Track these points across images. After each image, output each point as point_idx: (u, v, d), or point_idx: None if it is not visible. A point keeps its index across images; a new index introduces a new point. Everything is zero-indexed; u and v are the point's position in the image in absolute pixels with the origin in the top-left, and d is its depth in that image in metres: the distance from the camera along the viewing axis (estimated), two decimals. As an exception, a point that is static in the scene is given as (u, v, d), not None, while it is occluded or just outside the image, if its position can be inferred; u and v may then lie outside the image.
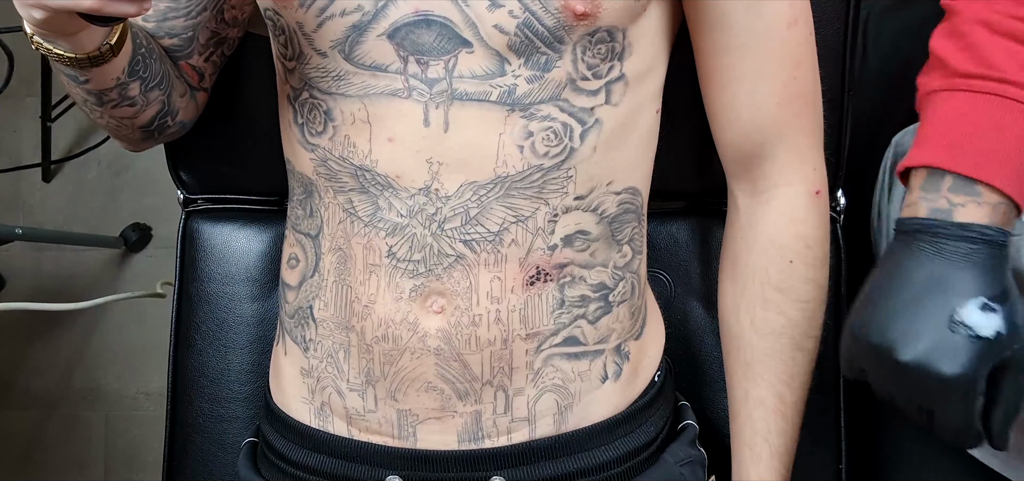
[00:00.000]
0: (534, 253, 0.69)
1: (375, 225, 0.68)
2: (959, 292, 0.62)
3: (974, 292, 0.62)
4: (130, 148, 0.85)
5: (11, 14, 0.68)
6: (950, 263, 0.63)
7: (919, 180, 0.65)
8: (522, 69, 0.65)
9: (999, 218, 0.64)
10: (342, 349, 0.72)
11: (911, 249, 0.64)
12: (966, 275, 0.63)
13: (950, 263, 0.63)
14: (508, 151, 0.66)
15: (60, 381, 1.73)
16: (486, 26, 0.63)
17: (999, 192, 0.63)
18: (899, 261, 0.65)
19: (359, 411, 0.73)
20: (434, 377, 0.70)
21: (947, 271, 0.63)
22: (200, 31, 0.80)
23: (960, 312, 0.62)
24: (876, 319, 0.64)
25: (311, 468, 0.76)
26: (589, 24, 0.64)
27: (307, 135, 0.70)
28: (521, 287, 0.69)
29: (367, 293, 0.69)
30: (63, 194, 1.77)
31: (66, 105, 1.66)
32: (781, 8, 0.69)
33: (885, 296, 0.64)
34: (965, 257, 0.63)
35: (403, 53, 0.65)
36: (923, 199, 0.65)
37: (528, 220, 0.68)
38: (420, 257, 0.68)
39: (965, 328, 0.61)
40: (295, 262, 0.76)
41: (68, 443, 1.72)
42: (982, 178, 0.63)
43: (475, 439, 0.72)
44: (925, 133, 0.66)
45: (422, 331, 0.69)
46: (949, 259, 0.63)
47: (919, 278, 0.63)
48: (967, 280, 0.62)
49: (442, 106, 0.65)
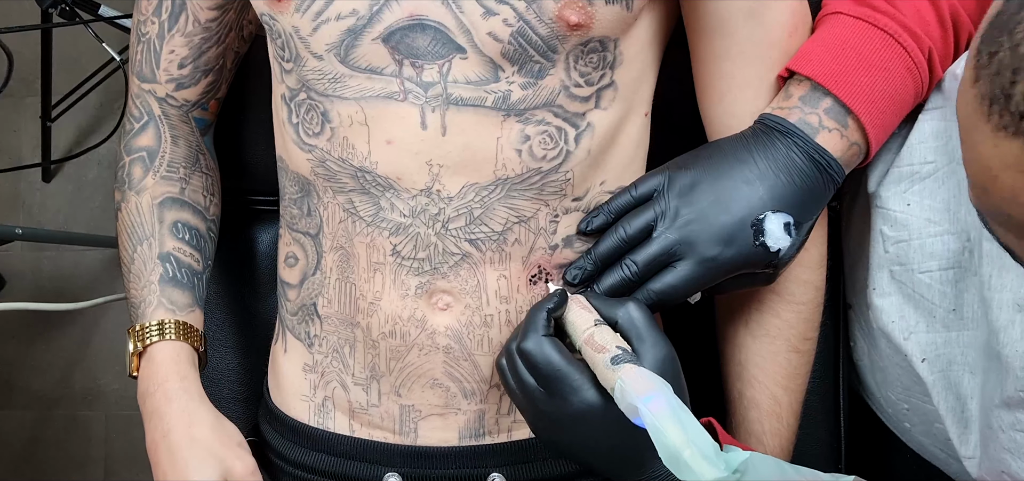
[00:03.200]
0: (536, 252, 0.69)
1: (378, 225, 0.69)
2: (778, 202, 0.66)
3: (788, 209, 0.66)
4: None
5: (11, 14, 0.68)
6: (789, 174, 0.66)
7: (800, 90, 0.68)
8: (516, 76, 0.65)
9: (849, 157, 0.68)
10: (347, 344, 0.73)
11: (764, 141, 0.67)
12: (793, 195, 0.66)
13: (789, 174, 0.66)
14: (507, 154, 0.66)
15: (60, 381, 1.73)
16: (480, 33, 0.64)
17: (862, 133, 0.67)
18: (749, 145, 0.68)
19: (362, 405, 0.73)
20: (441, 374, 0.70)
21: (782, 177, 0.66)
22: (228, 56, 0.81)
23: (769, 217, 0.66)
24: (701, 174, 0.68)
25: (310, 466, 0.76)
26: (582, 34, 0.64)
27: (303, 135, 0.71)
28: (525, 286, 0.70)
29: (372, 290, 0.70)
30: (63, 194, 1.77)
31: (66, 105, 1.66)
32: (782, 16, 0.69)
33: (724, 164, 0.68)
34: (804, 176, 0.66)
35: (398, 56, 0.65)
36: (797, 108, 0.67)
37: (530, 220, 0.68)
38: (425, 255, 0.68)
39: (762, 231, 0.66)
40: (294, 260, 0.76)
41: (68, 443, 1.72)
42: (858, 112, 0.66)
43: (476, 436, 0.72)
44: (819, 47, 0.68)
45: (431, 328, 0.69)
46: (790, 170, 0.66)
47: (760, 167, 0.66)
48: (790, 197, 0.66)
49: (438, 110, 0.66)
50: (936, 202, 0.72)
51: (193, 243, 0.79)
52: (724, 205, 0.66)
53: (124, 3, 1.43)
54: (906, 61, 0.67)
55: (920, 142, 0.72)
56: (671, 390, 0.57)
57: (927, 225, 0.72)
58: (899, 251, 0.74)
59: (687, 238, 0.66)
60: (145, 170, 0.79)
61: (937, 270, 0.72)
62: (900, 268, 0.74)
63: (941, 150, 0.71)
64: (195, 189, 0.81)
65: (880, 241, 0.75)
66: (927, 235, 0.73)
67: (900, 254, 0.74)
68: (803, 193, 0.67)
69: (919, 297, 0.74)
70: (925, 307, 0.74)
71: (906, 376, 0.77)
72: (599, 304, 0.66)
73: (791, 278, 0.73)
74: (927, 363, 0.74)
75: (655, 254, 0.67)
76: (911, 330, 0.75)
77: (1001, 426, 0.68)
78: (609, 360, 0.60)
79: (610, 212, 0.69)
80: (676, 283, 0.67)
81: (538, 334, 0.63)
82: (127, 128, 0.82)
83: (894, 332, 0.75)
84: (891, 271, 0.75)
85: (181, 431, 0.71)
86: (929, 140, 0.72)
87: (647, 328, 0.63)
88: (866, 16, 0.68)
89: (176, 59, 0.79)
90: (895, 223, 0.74)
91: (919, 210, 0.73)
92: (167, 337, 0.74)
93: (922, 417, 0.78)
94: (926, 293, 0.73)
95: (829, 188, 0.68)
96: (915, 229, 0.73)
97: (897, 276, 0.75)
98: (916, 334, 0.75)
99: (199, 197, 0.82)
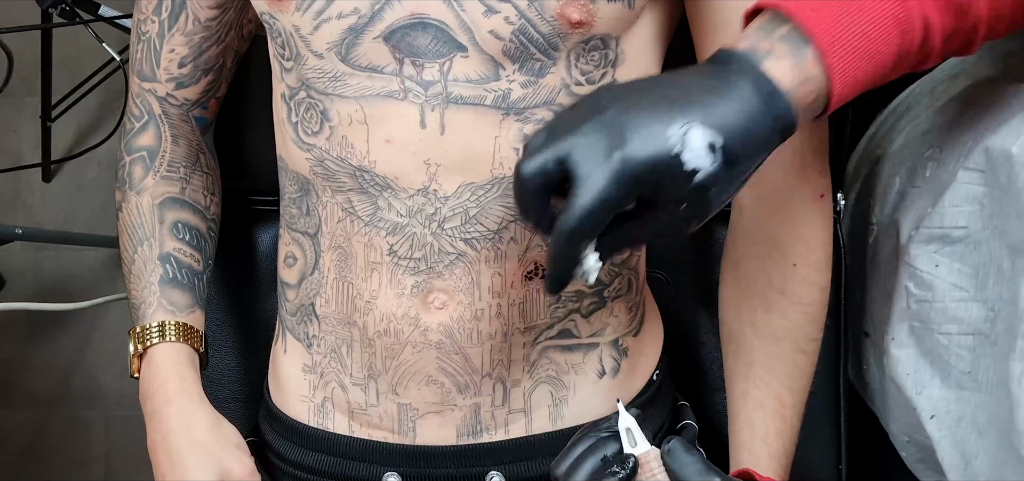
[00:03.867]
0: (532, 249, 0.69)
1: (375, 224, 0.69)
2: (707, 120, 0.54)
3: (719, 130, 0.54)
4: None
5: (11, 14, 0.68)
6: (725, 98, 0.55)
7: (759, 22, 0.58)
8: (516, 75, 0.65)
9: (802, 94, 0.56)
10: (345, 344, 0.73)
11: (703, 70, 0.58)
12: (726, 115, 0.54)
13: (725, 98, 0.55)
14: (504, 153, 0.66)
15: (60, 381, 1.73)
16: (481, 31, 0.64)
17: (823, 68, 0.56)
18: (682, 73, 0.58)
19: (361, 405, 0.73)
20: (435, 370, 0.70)
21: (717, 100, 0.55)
22: (228, 55, 0.81)
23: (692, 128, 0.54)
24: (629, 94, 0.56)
25: (310, 467, 0.76)
26: (584, 32, 0.64)
27: (302, 134, 0.71)
28: (520, 282, 0.70)
29: (369, 290, 0.70)
30: (63, 194, 1.77)
31: (66, 105, 1.66)
32: None
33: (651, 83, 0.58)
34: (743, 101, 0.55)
35: (399, 55, 0.65)
36: (751, 36, 0.57)
37: None
38: (421, 255, 0.68)
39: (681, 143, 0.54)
40: (293, 260, 0.76)
41: (68, 443, 1.72)
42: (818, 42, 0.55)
43: (473, 433, 0.72)
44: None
45: (424, 326, 0.69)
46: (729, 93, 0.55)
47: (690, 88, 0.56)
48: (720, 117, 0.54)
49: (438, 109, 0.66)
50: (966, 267, 0.70)
51: (193, 243, 0.79)
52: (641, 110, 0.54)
53: (124, 3, 1.42)
54: (894, 7, 0.57)
55: (953, 205, 0.70)
56: None
57: (953, 290, 0.71)
58: (921, 310, 0.73)
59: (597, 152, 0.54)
60: (146, 170, 0.79)
61: (957, 334, 0.71)
62: (920, 325, 0.73)
63: (976, 216, 0.69)
64: (195, 189, 0.81)
65: (904, 296, 0.74)
66: (951, 300, 0.71)
67: (922, 313, 0.73)
68: (739, 120, 0.55)
69: (936, 355, 0.73)
70: (941, 364, 0.73)
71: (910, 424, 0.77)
72: (676, 465, 0.62)
73: (797, 279, 0.73)
74: (936, 420, 0.73)
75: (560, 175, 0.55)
76: (924, 385, 0.74)
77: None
78: None
79: None
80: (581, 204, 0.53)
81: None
82: (127, 127, 0.82)
83: (907, 385, 0.75)
84: (911, 325, 0.74)
85: (180, 432, 0.72)
86: (964, 204, 0.70)
87: None
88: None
89: (176, 58, 0.79)
90: (921, 283, 0.72)
91: (947, 273, 0.71)
92: (167, 339, 0.75)
93: (923, 451, 0.78)
94: (943, 353, 0.72)
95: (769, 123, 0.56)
96: (940, 292, 0.71)
97: (916, 331, 0.74)
98: (929, 390, 0.74)
99: (199, 197, 0.82)
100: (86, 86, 1.63)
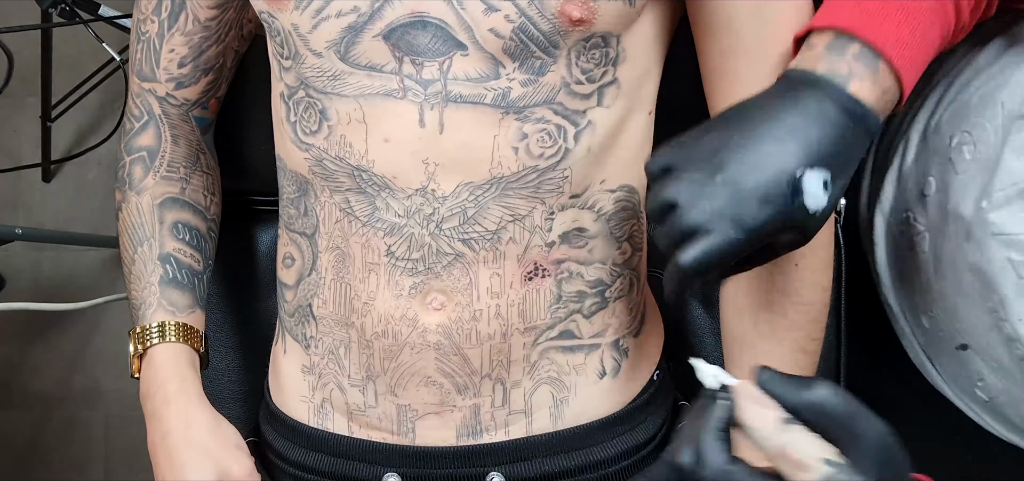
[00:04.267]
0: (532, 250, 0.69)
1: (373, 225, 0.68)
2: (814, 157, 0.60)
3: (825, 164, 0.60)
4: None
5: (11, 14, 0.68)
6: (822, 128, 0.60)
7: (824, 39, 0.63)
8: (516, 73, 0.65)
9: (883, 105, 0.63)
10: (343, 345, 0.73)
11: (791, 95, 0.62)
12: (829, 149, 0.60)
13: (822, 128, 0.60)
14: (503, 153, 0.66)
15: (60, 381, 1.73)
16: (481, 30, 0.63)
17: (895, 76, 0.62)
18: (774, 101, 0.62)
19: (360, 407, 0.73)
20: (434, 371, 0.70)
21: (815, 131, 0.60)
22: (227, 55, 0.81)
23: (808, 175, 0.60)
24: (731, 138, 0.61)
25: (310, 467, 0.76)
26: (584, 30, 0.64)
27: (300, 134, 0.71)
28: (520, 282, 0.69)
29: (367, 291, 0.70)
30: (63, 194, 1.77)
31: (66, 105, 1.65)
32: (787, 15, 0.68)
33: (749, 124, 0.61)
34: (838, 129, 0.61)
35: (398, 54, 0.65)
36: (825, 58, 0.62)
37: (525, 218, 0.68)
38: (419, 256, 0.68)
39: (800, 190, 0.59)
40: (291, 261, 0.76)
41: (68, 443, 1.72)
42: (888, 54, 0.61)
43: (473, 434, 0.72)
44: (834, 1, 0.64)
45: (422, 327, 0.69)
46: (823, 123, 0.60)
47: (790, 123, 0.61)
48: (826, 153, 0.60)
49: (437, 107, 0.65)
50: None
51: (193, 243, 0.79)
52: (755, 166, 0.60)
53: (124, 3, 1.42)
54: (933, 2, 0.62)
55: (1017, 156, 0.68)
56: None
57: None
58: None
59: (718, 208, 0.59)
60: (146, 170, 0.79)
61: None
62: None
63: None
64: (195, 189, 0.81)
65: (1011, 269, 0.70)
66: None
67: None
68: (839, 147, 0.61)
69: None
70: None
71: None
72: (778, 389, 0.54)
73: (799, 279, 0.73)
74: None
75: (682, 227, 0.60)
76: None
77: None
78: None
79: None
80: (710, 249, 0.59)
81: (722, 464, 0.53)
82: (127, 127, 0.82)
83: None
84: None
85: (179, 432, 0.72)
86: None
87: (852, 411, 0.52)
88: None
89: (176, 58, 0.79)
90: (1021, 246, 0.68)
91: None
92: (168, 339, 0.75)
93: None
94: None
95: (864, 140, 0.62)
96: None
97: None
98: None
99: (199, 197, 0.82)
100: (86, 86, 1.63)
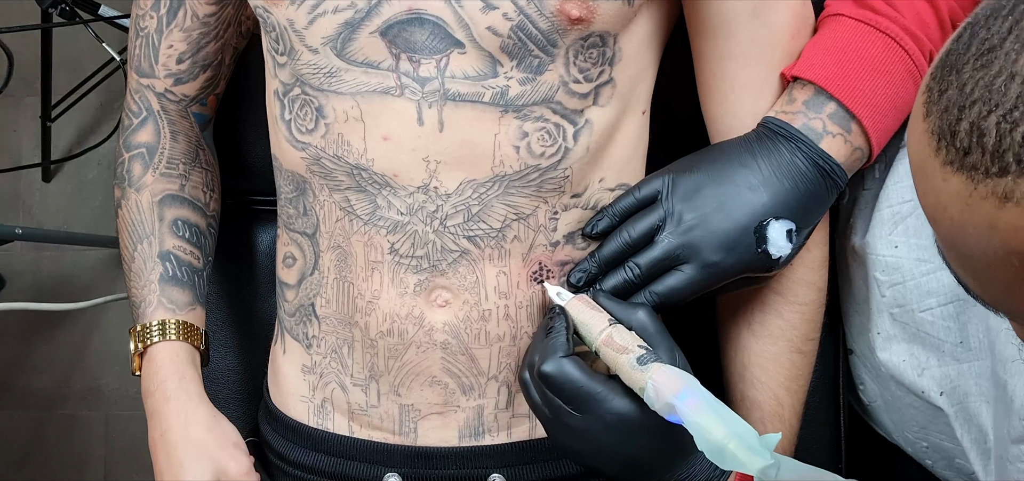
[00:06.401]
0: (536, 249, 0.69)
1: (375, 223, 0.68)
2: (781, 208, 0.66)
3: (791, 216, 0.66)
4: None
5: (11, 14, 0.68)
6: (792, 180, 0.66)
7: (804, 94, 0.68)
8: (514, 71, 0.65)
9: (852, 162, 0.68)
10: (346, 344, 0.72)
11: (768, 145, 0.67)
12: (796, 201, 0.67)
13: (792, 180, 0.66)
14: (505, 151, 0.66)
15: (60, 381, 1.73)
16: (479, 27, 0.63)
17: (866, 137, 0.67)
18: (752, 148, 0.68)
19: (361, 406, 0.73)
20: (440, 371, 0.70)
21: (786, 183, 0.66)
22: (226, 52, 0.81)
23: (772, 225, 0.66)
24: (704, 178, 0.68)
25: (310, 467, 0.76)
26: (583, 29, 0.64)
27: (296, 132, 0.70)
28: (526, 282, 0.69)
29: (370, 289, 0.70)
30: (63, 194, 1.77)
31: (66, 105, 1.65)
32: (784, 17, 0.69)
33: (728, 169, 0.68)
34: (807, 182, 0.67)
35: (395, 51, 0.65)
36: (801, 113, 0.67)
37: (529, 217, 0.68)
38: (423, 253, 0.68)
39: (764, 239, 0.66)
40: (292, 260, 0.76)
41: (68, 443, 1.72)
42: (862, 117, 0.66)
43: (476, 435, 0.72)
44: (821, 51, 0.68)
45: (429, 325, 0.69)
46: (794, 175, 0.67)
47: (764, 173, 0.67)
48: (793, 203, 0.66)
49: (436, 105, 0.65)
50: (922, 240, 0.72)
51: (193, 240, 0.79)
52: (727, 211, 0.66)
53: (124, 3, 1.42)
54: (907, 64, 0.67)
55: (896, 183, 0.73)
56: (700, 384, 0.58)
57: (918, 264, 0.73)
58: (896, 294, 0.74)
59: (690, 243, 0.67)
60: (145, 167, 0.79)
61: (937, 306, 0.72)
62: (900, 310, 0.74)
63: None
64: (195, 185, 0.81)
65: (875, 287, 0.76)
66: (920, 274, 0.73)
67: (897, 296, 0.74)
68: (806, 199, 0.67)
69: (925, 335, 0.74)
70: (932, 343, 0.73)
71: (922, 415, 0.77)
72: (610, 306, 0.66)
73: (793, 279, 0.73)
74: (945, 396, 0.74)
75: (658, 258, 0.68)
76: (923, 367, 0.74)
77: (1008, 458, 0.68)
78: (635, 361, 0.60)
79: (614, 214, 0.70)
80: (678, 286, 0.68)
81: (557, 356, 0.63)
82: (125, 123, 0.82)
83: (905, 372, 0.75)
84: (891, 314, 0.75)
85: (178, 430, 0.72)
86: (905, 179, 0.72)
87: (661, 332, 0.64)
88: (867, 18, 0.68)
89: (174, 54, 0.79)
90: (887, 267, 0.74)
91: (907, 250, 0.73)
92: (168, 337, 0.75)
93: (942, 454, 0.78)
94: (930, 330, 0.73)
95: (831, 193, 0.68)
96: (907, 270, 0.73)
97: (899, 318, 0.75)
98: (929, 370, 0.74)
99: (199, 193, 0.82)
100: (86, 86, 1.63)
